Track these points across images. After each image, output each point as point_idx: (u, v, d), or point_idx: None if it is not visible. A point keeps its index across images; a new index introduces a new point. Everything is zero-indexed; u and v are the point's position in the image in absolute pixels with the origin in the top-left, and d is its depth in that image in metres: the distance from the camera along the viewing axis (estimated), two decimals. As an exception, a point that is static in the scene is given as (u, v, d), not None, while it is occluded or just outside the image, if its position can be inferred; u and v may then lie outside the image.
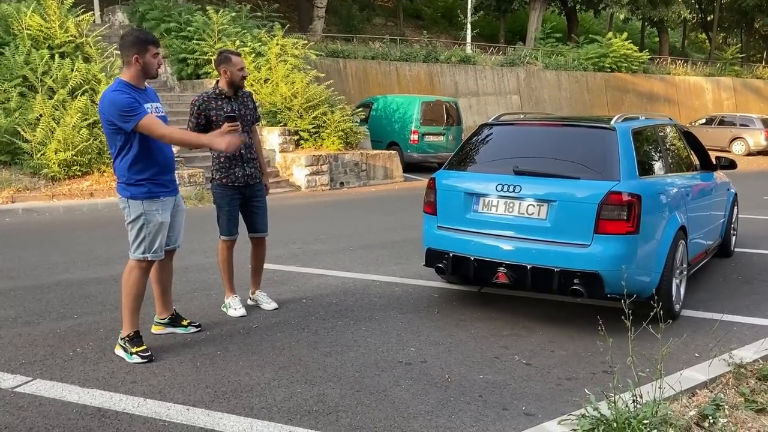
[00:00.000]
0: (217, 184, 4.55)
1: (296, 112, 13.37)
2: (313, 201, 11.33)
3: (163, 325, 4.24)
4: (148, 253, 3.82)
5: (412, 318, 4.62)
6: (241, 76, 4.43)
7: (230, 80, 4.40)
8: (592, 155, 4.33)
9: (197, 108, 4.38)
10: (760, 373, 3.27)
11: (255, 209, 4.69)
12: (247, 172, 4.52)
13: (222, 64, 4.41)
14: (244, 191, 4.58)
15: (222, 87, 4.43)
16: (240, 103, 4.48)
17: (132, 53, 3.67)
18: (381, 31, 26.68)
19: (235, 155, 4.41)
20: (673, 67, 29.64)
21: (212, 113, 4.35)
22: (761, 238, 7.63)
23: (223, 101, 4.39)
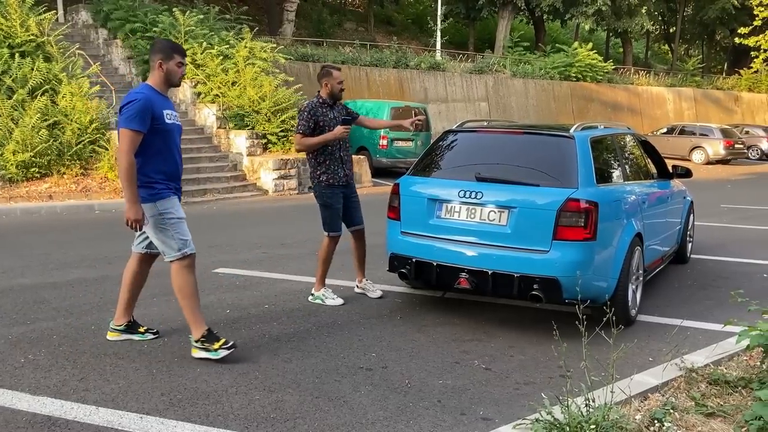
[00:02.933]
0: (325, 185, 4.95)
1: (264, 115, 13.29)
2: (281, 205, 11.26)
3: (119, 332, 4.16)
4: (186, 248, 3.81)
5: (374, 323, 4.62)
6: (341, 89, 4.95)
7: (330, 92, 4.93)
8: (551, 163, 4.40)
9: (308, 113, 4.87)
10: (711, 377, 3.36)
11: (353, 205, 5.11)
12: (346, 172, 5.02)
13: (324, 77, 4.95)
14: (344, 190, 5.02)
15: (324, 97, 4.94)
16: (338, 110, 5.01)
17: (157, 58, 3.75)
18: (352, 36, 26.72)
19: (335, 157, 4.93)
20: (636, 77, 30.34)
21: (320, 118, 4.87)
22: (717, 245, 7.85)
23: (326, 109, 4.93)
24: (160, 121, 3.71)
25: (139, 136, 3.61)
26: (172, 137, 3.83)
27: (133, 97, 3.65)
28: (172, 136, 3.83)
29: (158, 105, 3.71)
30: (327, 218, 5.01)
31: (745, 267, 6.65)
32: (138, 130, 3.60)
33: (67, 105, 10.92)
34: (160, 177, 3.77)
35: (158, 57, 3.75)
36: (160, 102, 3.75)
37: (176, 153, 3.87)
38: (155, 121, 3.67)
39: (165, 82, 3.81)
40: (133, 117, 3.59)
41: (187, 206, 10.49)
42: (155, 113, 3.68)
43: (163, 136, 3.76)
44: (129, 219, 3.65)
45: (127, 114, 3.61)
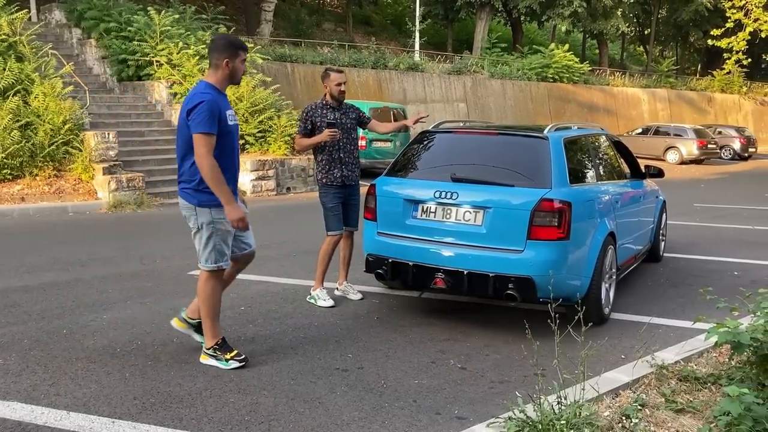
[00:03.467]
0: (321, 184, 5.07)
1: (241, 116, 13.18)
2: (259, 206, 11.18)
3: (188, 325, 3.99)
4: (221, 261, 3.73)
5: (351, 324, 4.61)
6: (339, 90, 4.97)
7: (330, 93, 5.00)
8: (525, 163, 4.44)
9: (305, 114, 5.02)
10: (681, 374, 3.41)
11: (350, 207, 5.14)
12: (344, 173, 5.02)
13: (324, 80, 5.05)
14: (343, 190, 5.06)
15: (327, 99, 5.04)
16: (342, 113, 5.05)
17: (224, 57, 3.61)
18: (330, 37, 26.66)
19: (333, 158, 4.98)
20: (612, 78, 30.73)
21: (317, 120, 4.97)
22: (690, 243, 7.98)
23: (327, 110, 5.00)
24: (224, 123, 3.59)
25: (213, 137, 3.49)
26: (232, 139, 3.71)
27: (200, 98, 3.51)
28: (232, 138, 3.71)
29: (223, 106, 3.60)
30: (324, 217, 5.11)
31: (716, 265, 6.78)
32: (211, 132, 3.48)
33: (40, 105, 10.73)
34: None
35: (225, 55, 3.61)
36: (224, 102, 3.65)
37: (235, 155, 3.77)
38: (220, 123, 3.55)
39: (227, 81, 3.69)
40: (204, 120, 3.46)
41: (163, 208, 10.45)
42: (221, 115, 3.56)
43: (226, 138, 3.63)
44: (234, 221, 3.56)
45: (197, 118, 3.47)
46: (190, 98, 3.56)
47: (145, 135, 13.12)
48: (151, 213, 10.08)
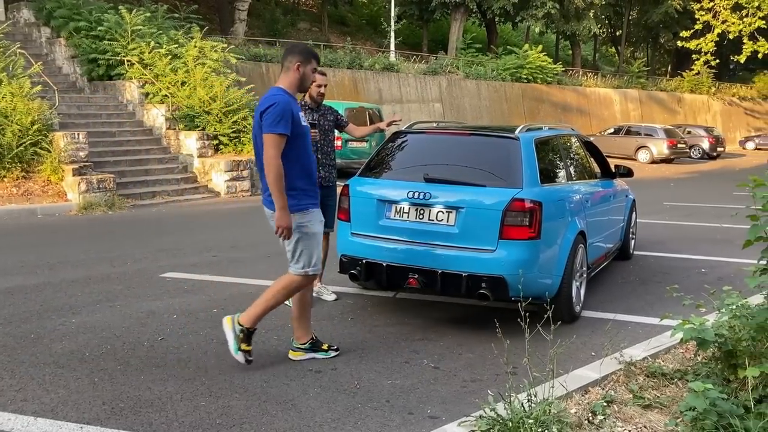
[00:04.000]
0: None
1: (215, 116, 13.08)
2: (233, 207, 11.11)
3: (303, 351, 3.96)
4: (309, 267, 3.72)
5: (325, 325, 4.60)
6: (318, 92, 4.94)
7: (309, 95, 4.96)
8: (497, 164, 4.48)
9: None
10: (649, 370, 3.48)
11: (326, 207, 4.97)
12: (322, 174, 4.96)
13: None
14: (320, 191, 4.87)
15: (306, 99, 4.98)
16: (320, 114, 5.02)
17: (296, 60, 3.68)
18: (305, 36, 26.57)
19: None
20: (584, 79, 31.16)
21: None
22: (659, 241, 8.12)
23: (305, 111, 4.89)
24: (297, 124, 3.62)
25: (284, 139, 3.50)
26: (306, 141, 3.74)
27: (272, 100, 3.52)
28: (306, 139, 3.74)
29: (295, 108, 3.62)
30: None
31: (684, 262, 6.91)
32: (283, 133, 3.49)
33: (8, 106, 10.50)
34: (302, 184, 3.68)
35: (297, 59, 3.67)
36: (295, 105, 3.67)
37: (312, 157, 3.80)
38: (294, 125, 3.57)
39: (297, 86, 3.72)
40: (277, 121, 3.47)
41: (135, 209, 10.31)
42: (294, 116, 3.58)
43: (302, 140, 3.66)
44: (280, 227, 3.55)
45: (270, 118, 3.48)
46: (262, 102, 3.59)
47: (116, 135, 12.93)
48: (122, 214, 9.94)
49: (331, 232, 5.19)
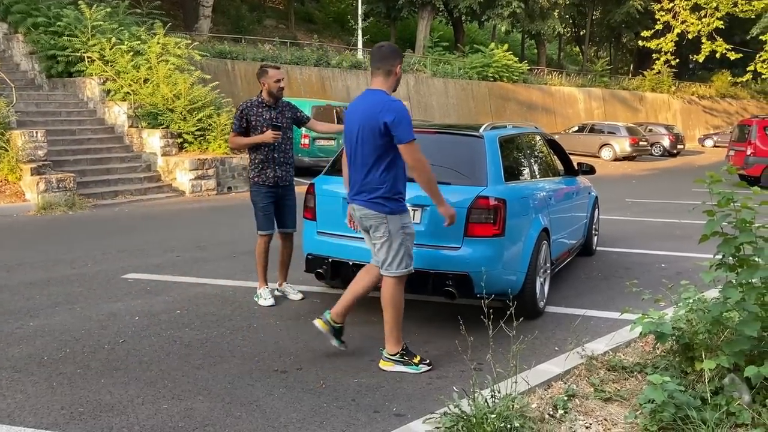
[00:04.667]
0: (252, 183, 5.03)
1: (179, 114, 12.88)
2: (198, 206, 10.96)
3: (329, 327, 3.89)
4: (411, 265, 3.73)
5: (291, 325, 4.58)
6: (279, 87, 4.89)
7: (269, 91, 4.88)
8: (462, 162, 4.51)
9: (240, 112, 4.91)
10: (609, 364, 3.55)
11: (285, 208, 5.09)
12: (278, 173, 4.96)
13: (261, 77, 4.91)
14: (276, 191, 5.00)
15: (264, 96, 4.92)
16: (278, 111, 4.95)
17: (397, 63, 3.68)
18: (272, 33, 26.33)
19: (268, 158, 4.92)
20: (549, 77, 31.60)
21: (252, 118, 4.89)
22: (621, 237, 8.29)
23: (263, 109, 4.90)
24: None
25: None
26: None
27: (397, 106, 3.52)
28: None
29: None
30: (255, 216, 5.09)
31: (645, 258, 7.07)
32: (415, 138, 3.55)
33: (-39, 103, 10.19)
34: (402, 187, 3.72)
35: (398, 61, 3.68)
36: None
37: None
38: None
39: (395, 87, 3.73)
40: (410, 128, 3.52)
41: (97, 209, 10.09)
42: None
43: None
44: (451, 216, 3.68)
45: (405, 127, 3.49)
46: (381, 108, 3.52)
47: (76, 134, 12.63)
48: (83, 215, 9.71)
49: (294, 233, 5.15)
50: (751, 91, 43.34)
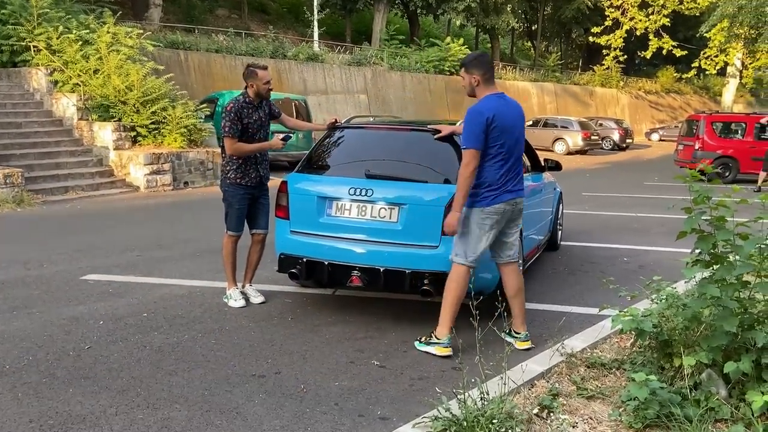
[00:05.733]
0: (233, 184, 4.80)
1: (132, 106, 12.44)
2: (154, 202, 10.63)
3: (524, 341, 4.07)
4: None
5: (265, 326, 4.47)
6: (268, 89, 4.79)
7: (257, 92, 4.76)
8: (437, 159, 4.48)
9: (235, 115, 4.68)
10: (589, 361, 3.59)
11: (260, 208, 4.96)
12: (260, 173, 4.86)
13: (249, 78, 4.75)
14: (254, 191, 4.87)
15: (251, 96, 4.77)
16: (262, 110, 4.85)
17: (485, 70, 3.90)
18: (224, 24, 25.75)
19: (251, 157, 4.78)
20: (504, 72, 32.00)
21: (245, 120, 4.73)
22: (582, 231, 8.45)
23: (251, 109, 4.77)
24: None
25: None
26: None
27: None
28: None
29: None
30: (227, 215, 4.90)
31: (607, 251, 7.22)
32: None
33: None
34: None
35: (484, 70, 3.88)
36: None
37: None
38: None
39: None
40: None
41: (47, 206, 9.66)
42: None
43: None
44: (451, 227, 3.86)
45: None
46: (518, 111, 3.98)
47: (22, 126, 12.07)
48: (33, 212, 9.28)
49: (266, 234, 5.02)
50: (694, 86, 45.00)
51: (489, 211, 3.83)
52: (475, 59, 3.92)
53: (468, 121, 3.76)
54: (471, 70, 3.88)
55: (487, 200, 3.82)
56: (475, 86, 3.89)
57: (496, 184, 3.81)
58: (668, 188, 14.44)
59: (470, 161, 3.73)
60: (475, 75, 3.87)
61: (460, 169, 3.76)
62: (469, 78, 3.89)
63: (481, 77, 3.86)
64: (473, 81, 3.87)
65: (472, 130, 3.73)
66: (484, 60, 3.94)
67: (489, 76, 3.90)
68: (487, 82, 3.89)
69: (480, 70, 3.87)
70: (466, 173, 3.74)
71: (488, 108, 3.77)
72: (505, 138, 3.81)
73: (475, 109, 3.79)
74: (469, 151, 3.73)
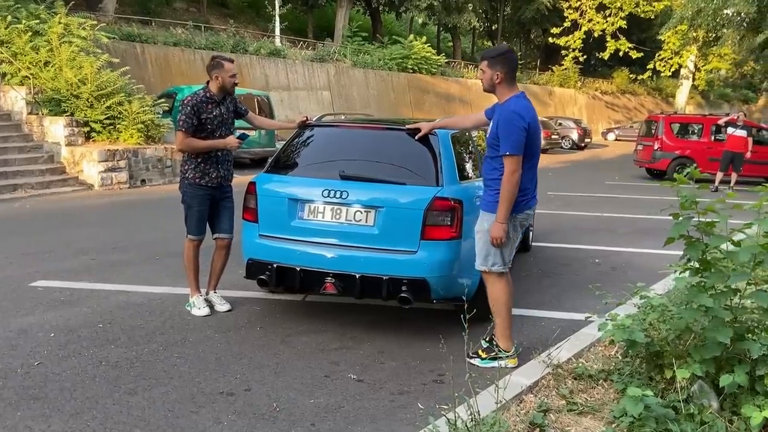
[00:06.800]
0: (192, 184, 4.51)
1: (86, 100, 11.87)
2: (109, 201, 10.14)
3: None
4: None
5: (232, 337, 4.20)
6: (233, 83, 4.47)
7: (222, 86, 4.44)
8: (415, 160, 4.28)
9: (192, 108, 4.36)
10: (576, 372, 3.45)
11: (224, 210, 4.68)
12: (221, 173, 4.56)
13: (215, 69, 4.42)
14: (215, 192, 4.57)
15: (213, 91, 4.45)
16: (225, 107, 4.54)
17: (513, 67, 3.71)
18: (182, 17, 25.05)
19: (210, 155, 4.48)
20: (466, 70, 32.10)
21: (204, 116, 4.41)
22: (551, 231, 8.39)
23: (212, 105, 4.45)
24: None
25: None
26: None
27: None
28: None
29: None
30: (186, 218, 4.61)
31: (578, 253, 7.16)
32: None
33: None
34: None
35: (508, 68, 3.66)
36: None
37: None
38: None
39: None
40: None
41: (-9, 206, 9.07)
42: None
43: None
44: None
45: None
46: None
47: (-35, 121, 11.37)
48: (-24, 212, 8.71)
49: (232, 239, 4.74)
50: (648, 87, 46.10)
51: (521, 217, 3.72)
52: (501, 55, 3.67)
53: (509, 126, 3.52)
54: (495, 65, 3.63)
55: (520, 206, 3.66)
56: (496, 83, 3.66)
57: (527, 189, 3.67)
58: (629, 187, 14.65)
59: (516, 169, 3.54)
60: (499, 72, 3.63)
61: (505, 177, 3.53)
62: (492, 73, 3.64)
63: (505, 75, 3.65)
64: (495, 77, 3.64)
65: (517, 136, 3.51)
66: (510, 57, 3.69)
67: (514, 75, 3.70)
68: (511, 81, 3.68)
69: (505, 68, 3.64)
70: (513, 182, 3.54)
71: (526, 111, 3.59)
72: (536, 142, 3.65)
73: (515, 112, 3.55)
74: (514, 158, 3.52)
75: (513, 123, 3.55)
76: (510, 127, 3.55)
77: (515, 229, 3.75)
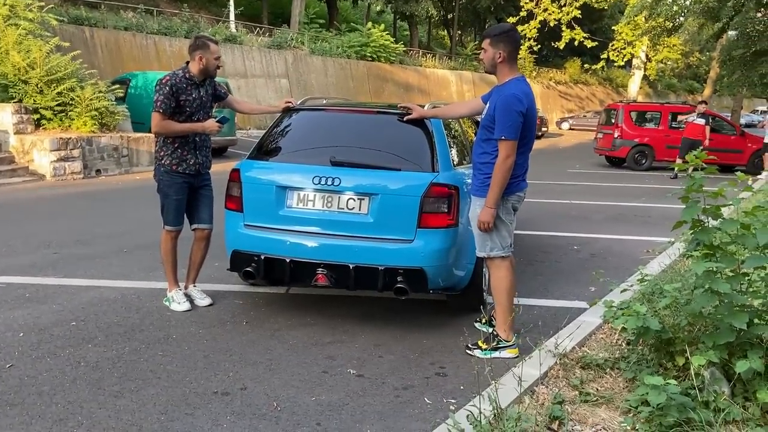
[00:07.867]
0: (168, 171, 4.25)
1: (35, 86, 11.23)
2: (64, 192, 9.62)
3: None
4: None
5: (218, 333, 3.97)
6: (217, 66, 4.28)
7: (204, 68, 4.22)
8: (409, 145, 4.12)
9: (169, 89, 4.12)
10: (583, 361, 3.38)
11: (202, 199, 4.43)
12: (199, 160, 4.33)
13: (199, 50, 4.21)
14: (193, 180, 4.34)
15: (193, 72, 4.22)
16: (205, 90, 4.32)
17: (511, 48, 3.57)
18: (133, 0, 24.07)
19: (188, 140, 4.25)
20: (424, 60, 32.04)
21: (182, 97, 4.17)
22: (526, 219, 8.35)
23: (192, 87, 4.22)
24: None
25: None
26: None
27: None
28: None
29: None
30: (163, 208, 4.36)
31: (556, 240, 7.16)
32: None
33: None
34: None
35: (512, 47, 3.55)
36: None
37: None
38: None
39: None
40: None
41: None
42: None
43: None
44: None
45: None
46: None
47: None
48: None
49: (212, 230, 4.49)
50: (599, 78, 47.06)
51: (513, 199, 3.65)
52: (504, 33, 3.55)
53: (507, 109, 3.41)
54: (498, 44, 3.51)
55: (511, 188, 3.58)
56: (498, 62, 3.54)
57: (518, 173, 3.58)
58: (592, 175, 14.87)
59: (510, 154, 3.44)
60: (501, 51, 3.52)
61: (499, 162, 3.45)
62: (494, 52, 3.53)
63: (507, 55, 3.53)
64: (497, 56, 3.53)
65: (514, 119, 3.41)
66: (513, 36, 3.57)
67: (515, 55, 3.59)
68: (513, 61, 3.57)
69: (508, 47, 3.52)
70: (506, 167, 3.46)
71: (525, 95, 3.48)
72: (532, 128, 3.56)
73: (514, 95, 3.43)
74: (510, 143, 3.43)
75: (511, 107, 3.45)
76: (508, 111, 3.45)
77: (508, 212, 3.67)
